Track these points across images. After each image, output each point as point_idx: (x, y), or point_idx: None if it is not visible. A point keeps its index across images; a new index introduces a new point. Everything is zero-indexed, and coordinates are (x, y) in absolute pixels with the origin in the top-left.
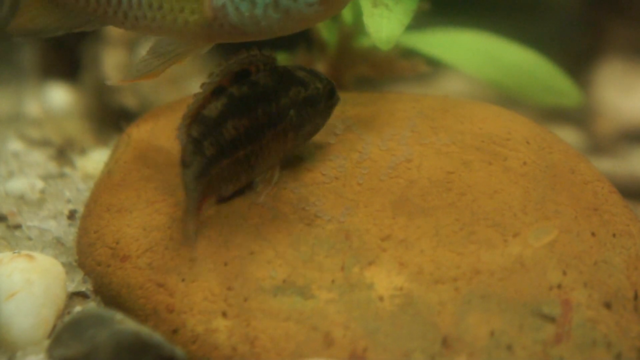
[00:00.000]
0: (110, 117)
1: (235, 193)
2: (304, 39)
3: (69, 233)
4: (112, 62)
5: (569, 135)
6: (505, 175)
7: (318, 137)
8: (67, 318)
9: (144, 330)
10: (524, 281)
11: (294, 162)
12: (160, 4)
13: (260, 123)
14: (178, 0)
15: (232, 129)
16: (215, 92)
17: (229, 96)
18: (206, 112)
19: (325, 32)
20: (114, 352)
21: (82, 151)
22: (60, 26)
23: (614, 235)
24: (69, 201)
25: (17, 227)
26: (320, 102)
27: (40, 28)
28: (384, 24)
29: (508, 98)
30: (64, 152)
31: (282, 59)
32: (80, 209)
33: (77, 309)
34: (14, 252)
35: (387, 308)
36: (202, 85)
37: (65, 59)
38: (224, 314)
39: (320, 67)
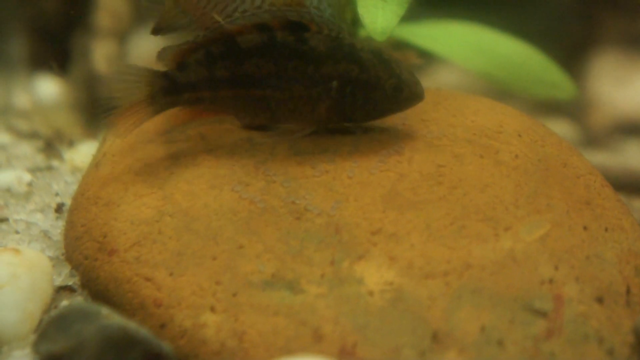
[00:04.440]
0: (99, 109)
1: (255, 127)
2: None
3: (56, 226)
4: (102, 53)
5: (562, 128)
6: (496, 169)
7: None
8: (53, 312)
9: (131, 325)
10: (515, 276)
11: (283, 154)
12: None
13: (289, 76)
14: None
15: (254, 65)
16: (259, 27)
17: (269, 37)
18: (239, 39)
19: None
20: (100, 347)
21: (71, 144)
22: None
23: (606, 229)
24: (56, 194)
25: (4, 220)
26: (377, 91)
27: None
28: (379, 15)
29: (501, 90)
30: (52, 145)
31: None
32: (68, 202)
33: (64, 303)
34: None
35: (377, 303)
36: (245, 12)
37: (55, 50)
38: (212, 309)
39: None
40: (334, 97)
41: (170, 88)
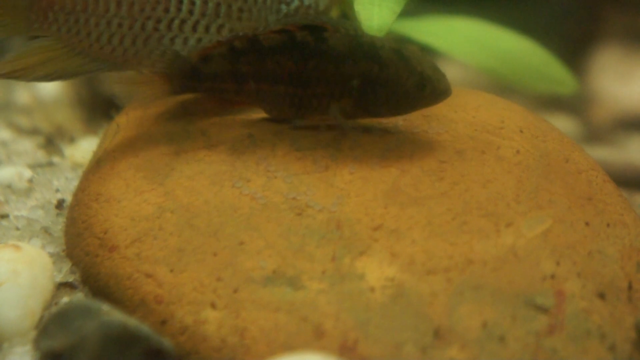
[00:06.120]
0: (100, 106)
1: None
2: None
3: (57, 223)
4: None
5: (564, 124)
6: (498, 165)
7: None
8: (54, 309)
9: (132, 321)
10: (517, 271)
11: (285, 150)
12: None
13: (309, 74)
14: None
15: (274, 62)
16: (278, 31)
17: (289, 36)
18: (261, 37)
19: None
20: (101, 344)
21: (71, 140)
22: (78, 71)
23: (608, 225)
24: (57, 190)
25: (5, 216)
26: (398, 89)
27: (52, 72)
28: (375, 12)
29: (502, 86)
30: (52, 141)
31: None
32: (69, 198)
33: (65, 299)
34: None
35: (379, 299)
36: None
37: None
38: (213, 305)
39: None
40: (356, 95)
41: (189, 73)
